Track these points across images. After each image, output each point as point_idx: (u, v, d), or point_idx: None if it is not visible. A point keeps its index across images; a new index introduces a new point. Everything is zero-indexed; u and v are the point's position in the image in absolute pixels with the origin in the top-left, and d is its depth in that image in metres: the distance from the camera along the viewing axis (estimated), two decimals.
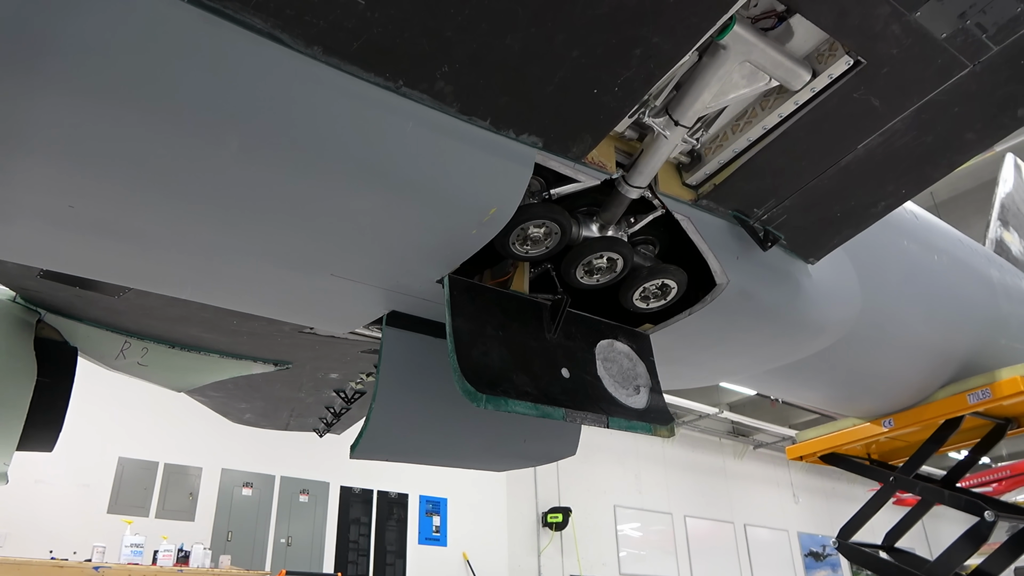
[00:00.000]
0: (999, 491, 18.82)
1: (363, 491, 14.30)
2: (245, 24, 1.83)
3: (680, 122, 2.47)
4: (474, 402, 2.29)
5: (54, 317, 3.97)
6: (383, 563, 13.96)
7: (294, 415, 6.41)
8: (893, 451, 5.90)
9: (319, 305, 3.01)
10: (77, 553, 9.11)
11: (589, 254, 2.73)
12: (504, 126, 2.28)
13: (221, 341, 4.46)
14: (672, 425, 2.82)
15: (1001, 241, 7.38)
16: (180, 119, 1.87)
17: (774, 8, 2.27)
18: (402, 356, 3.01)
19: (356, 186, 2.18)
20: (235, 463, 12.78)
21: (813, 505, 23.89)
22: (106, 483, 11.36)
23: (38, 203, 2.19)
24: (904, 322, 4.31)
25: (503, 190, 2.34)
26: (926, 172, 2.85)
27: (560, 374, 2.64)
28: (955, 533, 4.67)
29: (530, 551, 16.61)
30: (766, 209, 2.96)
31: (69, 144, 1.90)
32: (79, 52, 1.69)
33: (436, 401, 2.99)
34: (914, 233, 4.55)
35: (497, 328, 2.59)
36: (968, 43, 2.23)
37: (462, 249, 2.50)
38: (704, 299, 3.01)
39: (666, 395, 2.97)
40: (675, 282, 2.89)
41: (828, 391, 4.89)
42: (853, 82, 2.38)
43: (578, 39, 2.03)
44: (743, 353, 3.58)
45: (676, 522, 19.85)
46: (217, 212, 2.25)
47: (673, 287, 2.91)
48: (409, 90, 2.09)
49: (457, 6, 1.88)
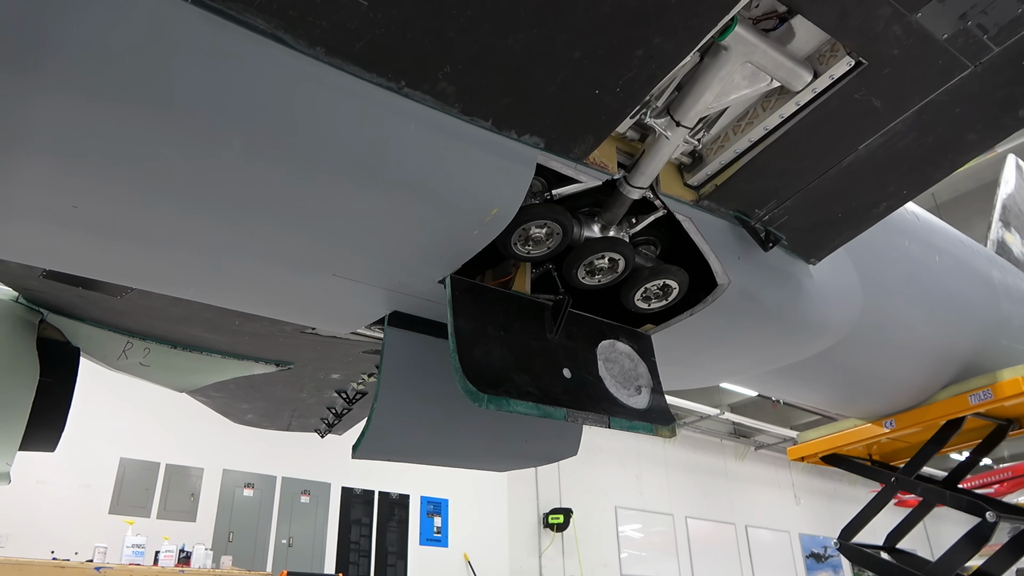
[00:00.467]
0: (1001, 492, 18.79)
1: (364, 492, 14.30)
2: (248, 25, 1.83)
3: (682, 123, 2.47)
4: (475, 402, 2.29)
5: (56, 317, 3.97)
6: (384, 564, 13.96)
7: (296, 415, 6.41)
8: (894, 452, 5.90)
9: (321, 305, 3.01)
10: (79, 554, 9.11)
11: (591, 254, 2.73)
12: (506, 127, 2.29)
13: (223, 341, 4.47)
14: (674, 425, 2.82)
15: (1003, 242, 7.37)
16: (183, 119, 1.87)
17: (775, 9, 2.27)
18: (404, 356, 3.02)
19: (358, 186, 2.18)
20: (237, 464, 12.78)
21: (815, 506, 23.87)
22: (108, 483, 11.37)
23: (41, 203, 2.19)
24: (905, 323, 4.31)
25: (505, 191, 2.35)
26: (927, 173, 2.85)
27: (561, 374, 2.64)
28: (957, 534, 4.67)
29: (531, 552, 16.60)
30: (767, 210, 2.96)
31: (72, 144, 1.90)
32: (82, 52, 1.69)
33: (438, 401, 2.99)
34: (915, 234, 4.55)
35: (499, 328, 2.60)
36: (969, 44, 2.23)
37: (464, 249, 2.51)
38: (705, 300, 3.01)
39: (667, 396, 2.97)
40: (676, 283, 2.89)
41: (829, 392, 4.88)
42: (854, 83, 2.38)
43: (580, 40, 2.04)
44: (744, 354, 3.58)
45: (677, 523, 19.84)
46: (220, 212, 2.25)
47: (674, 288, 2.92)
48: (411, 91, 2.10)
49: (459, 7, 1.89)
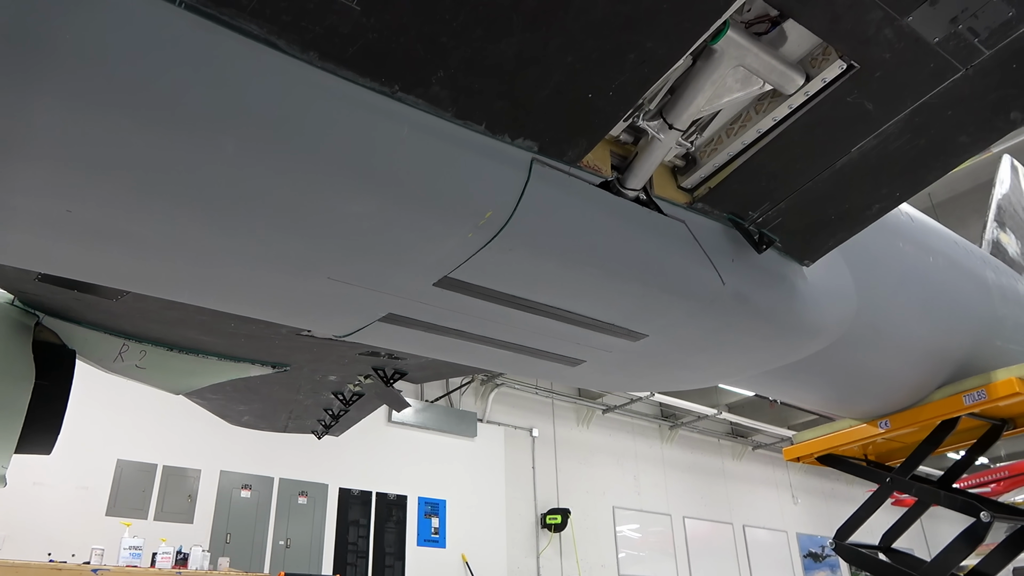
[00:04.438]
0: (997, 491, 18.83)
1: (362, 493, 14.31)
2: (241, 30, 1.84)
3: (674, 125, 2.48)
4: None
5: (52, 320, 3.98)
6: (382, 565, 13.96)
7: (292, 417, 6.42)
8: (890, 452, 5.90)
9: (316, 308, 3.02)
10: (75, 555, 9.10)
11: None
12: (499, 130, 2.29)
13: (219, 344, 4.48)
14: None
15: (998, 242, 7.39)
16: (176, 124, 1.88)
17: (767, 12, 2.28)
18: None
19: (352, 190, 2.19)
20: (234, 465, 12.78)
21: (812, 506, 23.91)
22: (105, 485, 11.37)
23: (36, 208, 2.20)
24: (900, 324, 4.32)
25: (499, 194, 2.35)
26: (920, 175, 2.86)
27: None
28: (953, 533, 4.67)
29: (529, 552, 16.61)
30: (761, 212, 2.97)
31: (66, 149, 1.91)
32: (75, 58, 1.69)
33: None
34: (909, 235, 4.56)
35: None
36: (960, 47, 2.24)
37: (458, 253, 2.52)
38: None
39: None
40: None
41: (824, 392, 4.89)
42: (846, 86, 2.39)
43: (572, 44, 2.04)
44: (739, 355, 3.59)
45: (675, 523, 19.87)
46: (214, 216, 2.26)
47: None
48: (405, 95, 2.10)
49: (452, 12, 1.89)
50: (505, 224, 2.42)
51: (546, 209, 2.46)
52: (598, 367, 3.59)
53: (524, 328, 3.10)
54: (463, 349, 3.38)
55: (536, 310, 2.92)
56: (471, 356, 3.52)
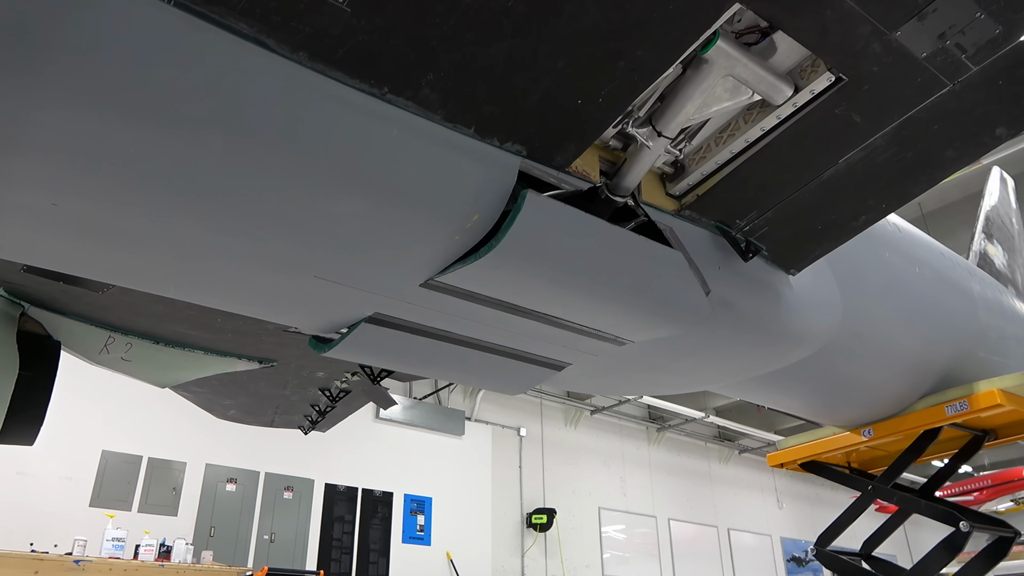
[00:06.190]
0: (980, 500, 18.99)
1: (348, 489, 14.29)
2: (231, 29, 1.84)
3: (663, 133, 2.50)
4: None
5: (38, 311, 3.96)
6: (366, 561, 13.95)
7: (279, 412, 6.41)
8: (873, 460, 5.95)
9: (303, 306, 3.01)
10: (58, 546, 9.05)
11: None
12: (488, 134, 2.30)
13: (205, 338, 4.46)
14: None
15: (985, 254, 7.45)
16: (164, 121, 1.88)
17: (757, 24, 2.30)
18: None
19: (340, 190, 2.19)
20: (219, 458, 12.74)
21: (797, 510, 24.03)
22: (89, 476, 11.32)
23: (20, 200, 2.19)
24: (884, 333, 4.35)
25: (486, 197, 2.36)
26: (906, 187, 2.88)
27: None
28: (936, 540, 4.72)
29: (514, 551, 16.64)
30: (748, 220, 2.99)
31: (54, 143, 1.90)
32: (66, 54, 1.69)
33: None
34: (896, 245, 4.59)
35: None
36: (948, 63, 2.27)
37: (444, 255, 2.52)
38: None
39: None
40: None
41: (809, 400, 4.92)
42: (835, 98, 2.41)
43: (563, 50, 2.05)
44: (724, 362, 3.61)
45: (660, 525, 19.94)
46: (200, 213, 2.25)
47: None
48: (394, 97, 2.10)
49: (443, 16, 1.90)
50: (493, 227, 2.42)
51: (534, 215, 2.45)
52: (583, 371, 3.60)
53: (509, 330, 3.10)
54: (446, 358, 3.32)
55: (522, 313, 2.93)
56: (453, 369, 3.48)
